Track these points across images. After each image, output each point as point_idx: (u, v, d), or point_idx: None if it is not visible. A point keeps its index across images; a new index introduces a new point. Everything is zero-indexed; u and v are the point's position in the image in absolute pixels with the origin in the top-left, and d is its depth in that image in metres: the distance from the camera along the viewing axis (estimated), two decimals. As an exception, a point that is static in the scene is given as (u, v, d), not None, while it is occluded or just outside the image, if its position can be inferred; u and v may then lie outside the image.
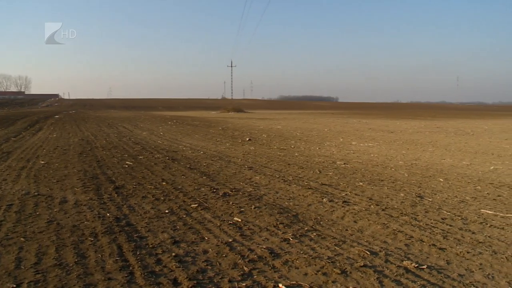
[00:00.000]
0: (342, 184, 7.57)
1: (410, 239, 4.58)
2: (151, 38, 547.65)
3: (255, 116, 44.76)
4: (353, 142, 15.58)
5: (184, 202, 6.10)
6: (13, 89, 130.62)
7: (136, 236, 4.59)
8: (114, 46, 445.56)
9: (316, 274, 3.66)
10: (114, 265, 3.78)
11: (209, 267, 3.78)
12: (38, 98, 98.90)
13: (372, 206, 5.97)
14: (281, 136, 18.04)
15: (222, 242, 4.43)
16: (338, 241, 4.51)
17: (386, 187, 7.31)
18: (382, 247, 4.33)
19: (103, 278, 3.51)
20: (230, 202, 6.10)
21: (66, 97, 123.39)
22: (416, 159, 11.06)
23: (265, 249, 4.23)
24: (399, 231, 4.85)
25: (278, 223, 5.10)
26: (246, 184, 7.44)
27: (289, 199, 6.35)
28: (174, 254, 4.07)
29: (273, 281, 3.51)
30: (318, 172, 8.83)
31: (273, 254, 4.09)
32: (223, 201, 6.19)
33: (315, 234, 4.72)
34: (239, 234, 4.71)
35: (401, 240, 4.57)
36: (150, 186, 7.11)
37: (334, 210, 5.74)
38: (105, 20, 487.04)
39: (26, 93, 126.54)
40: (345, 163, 10.13)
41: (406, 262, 3.92)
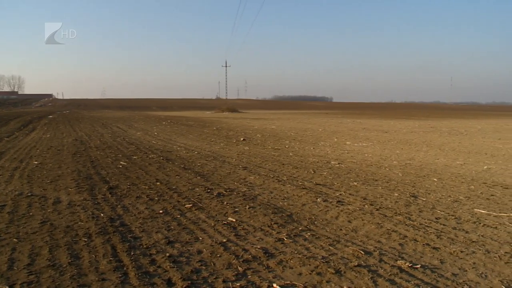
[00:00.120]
0: (336, 184, 7.58)
1: (404, 239, 4.61)
2: (145, 38, 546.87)
3: (250, 116, 44.78)
4: (347, 142, 15.63)
5: (178, 202, 6.09)
6: (6, 89, 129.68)
7: (130, 236, 4.58)
8: (108, 46, 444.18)
9: (310, 274, 3.67)
10: (108, 265, 3.76)
11: (203, 267, 3.77)
12: (32, 98, 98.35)
13: (366, 206, 5.99)
14: (275, 136, 18.05)
15: (216, 242, 4.42)
16: (332, 241, 4.52)
17: (380, 187, 7.34)
18: (376, 247, 4.35)
19: (97, 278, 3.49)
20: (225, 202, 6.10)
21: (60, 97, 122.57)
22: (410, 159, 11.12)
23: (259, 249, 4.23)
24: (393, 231, 4.87)
25: (273, 223, 5.10)
26: (240, 184, 7.43)
27: (283, 199, 6.35)
28: (168, 254, 4.06)
29: (267, 281, 3.51)
30: (313, 172, 8.84)
31: (267, 254, 4.09)
32: (218, 201, 6.18)
33: (310, 234, 4.73)
34: (234, 234, 4.71)
35: (395, 239, 4.59)
36: (144, 186, 7.08)
37: (328, 210, 5.76)
38: (99, 20, 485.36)
39: (19, 93, 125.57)
40: (339, 163, 10.15)
41: (400, 261, 3.94)
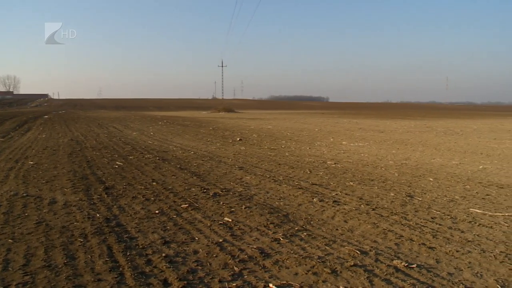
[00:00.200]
0: (332, 184, 7.60)
1: (400, 238, 4.62)
2: (142, 38, 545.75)
3: (246, 116, 44.77)
4: (343, 142, 15.66)
5: (174, 202, 6.08)
6: (1, 89, 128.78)
7: (126, 236, 4.56)
8: (104, 46, 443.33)
9: (306, 273, 3.67)
10: (104, 266, 3.75)
11: (199, 268, 3.77)
12: (27, 98, 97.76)
13: (362, 206, 6.00)
14: (271, 136, 18.05)
15: (212, 242, 4.42)
16: (329, 240, 4.52)
17: (376, 187, 7.36)
18: (372, 247, 4.36)
19: (93, 279, 3.48)
20: (221, 202, 6.09)
21: (55, 97, 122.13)
22: (406, 159, 11.16)
23: (255, 249, 4.23)
24: (389, 231, 4.88)
25: (269, 223, 5.10)
26: (236, 184, 7.43)
27: (279, 199, 6.35)
28: (164, 254, 4.05)
29: (263, 281, 3.51)
30: (309, 172, 8.85)
31: (263, 254, 4.09)
32: (214, 201, 6.17)
33: (306, 234, 4.74)
34: (230, 234, 4.71)
35: (391, 239, 4.61)
36: (140, 187, 7.07)
37: (324, 210, 5.76)
38: (94, 20, 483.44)
39: (14, 93, 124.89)
40: (335, 163, 10.17)
41: (396, 261, 3.95)
